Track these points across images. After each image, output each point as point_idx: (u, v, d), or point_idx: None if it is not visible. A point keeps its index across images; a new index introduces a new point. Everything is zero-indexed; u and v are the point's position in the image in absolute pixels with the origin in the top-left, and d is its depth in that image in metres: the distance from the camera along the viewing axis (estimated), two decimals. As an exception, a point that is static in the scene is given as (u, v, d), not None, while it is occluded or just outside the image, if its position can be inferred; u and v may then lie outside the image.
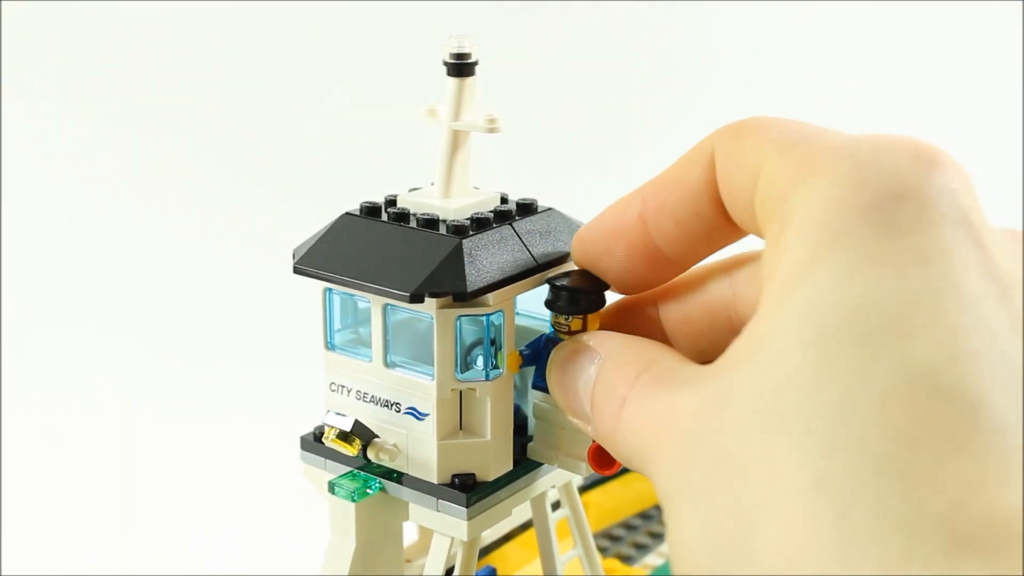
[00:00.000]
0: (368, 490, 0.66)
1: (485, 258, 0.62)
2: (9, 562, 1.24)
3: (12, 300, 1.78)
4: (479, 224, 0.64)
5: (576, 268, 0.66)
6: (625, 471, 0.98)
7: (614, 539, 1.04)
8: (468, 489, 0.64)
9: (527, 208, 0.67)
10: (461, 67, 0.65)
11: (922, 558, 0.34)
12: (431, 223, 0.64)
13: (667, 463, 0.44)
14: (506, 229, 0.64)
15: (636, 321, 0.60)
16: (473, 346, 0.64)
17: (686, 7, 2.46)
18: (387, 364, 0.65)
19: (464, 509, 0.64)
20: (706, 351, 0.55)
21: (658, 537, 1.04)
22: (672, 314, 0.59)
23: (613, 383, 0.52)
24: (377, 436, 0.65)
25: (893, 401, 0.37)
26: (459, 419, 0.65)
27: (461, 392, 0.64)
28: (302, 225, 0.76)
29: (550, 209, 0.68)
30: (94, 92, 2.17)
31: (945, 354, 0.38)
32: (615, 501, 1.05)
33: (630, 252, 0.56)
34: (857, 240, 0.40)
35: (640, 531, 1.05)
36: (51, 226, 1.96)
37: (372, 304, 0.64)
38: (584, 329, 0.61)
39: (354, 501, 0.66)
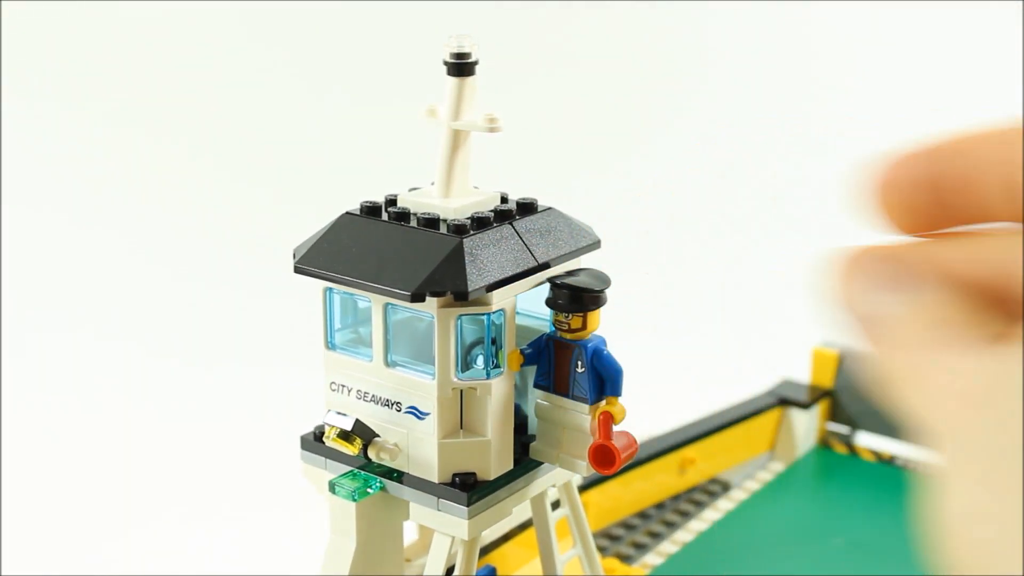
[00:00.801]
0: (368, 489, 0.66)
1: (486, 257, 0.62)
2: (9, 562, 1.24)
3: (12, 300, 1.77)
4: (479, 223, 0.64)
5: (575, 268, 0.66)
6: (625, 470, 0.98)
7: (613, 538, 1.03)
8: (469, 488, 0.64)
9: (527, 207, 0.67)
10: (461, 67, 0.65)
11: None
12: (431, 222, 0.64)
13: (957, 432, 0.37)
14: (506, 228, 0.64)
15: None
16: (474, 345, 0.64)
17: (686, 7, 2.46)
18: (388, 363, 0.65)
19: (465, 508, 0.64)
20: None
21: (657, 536, 1.04)
22: None
23: (930, 328, 0.41)
24: (378, 435, 0.65)
25: None
26: (460, 418, 0.65)
27: (462, 391, 0.64)
28: (302, 225, 0.76)
29: (550, 208, 0.68)
30: (94, 92, 2.17)
31: None
32: (614, 501, 1.05)
33: None
34: None
35: (639, 530, 1.05)
36: (51, 226, 1.96)
37: (373, 303, 0.64)
38: (584, 327, 0.61)
39: (355, 500, 0.66)
